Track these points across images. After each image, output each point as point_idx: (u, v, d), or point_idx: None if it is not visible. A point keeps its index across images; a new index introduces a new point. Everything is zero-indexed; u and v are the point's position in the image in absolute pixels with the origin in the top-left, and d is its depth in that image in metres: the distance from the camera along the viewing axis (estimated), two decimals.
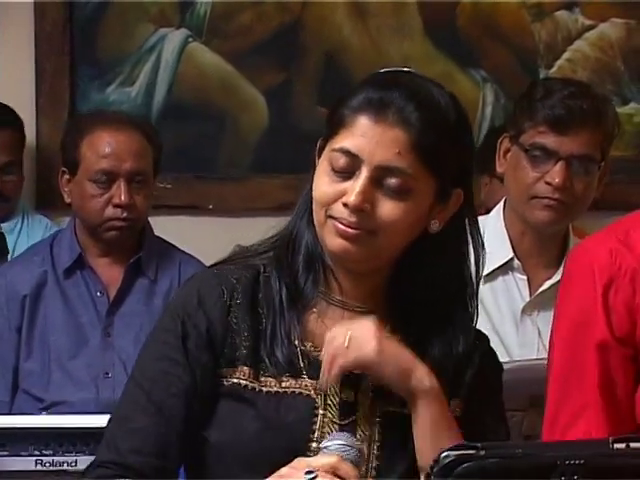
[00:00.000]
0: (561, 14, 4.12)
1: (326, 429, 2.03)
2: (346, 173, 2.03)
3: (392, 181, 2.03)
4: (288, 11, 4.11)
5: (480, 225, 3.24)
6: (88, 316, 3.39)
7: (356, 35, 4.12)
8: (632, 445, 1.63)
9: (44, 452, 2.62)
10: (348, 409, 2.05)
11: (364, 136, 2.02)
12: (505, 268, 3.22)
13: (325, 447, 1.92)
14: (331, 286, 2.10)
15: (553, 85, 3.23)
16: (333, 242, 2.05)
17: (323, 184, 2.05)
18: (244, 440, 2.02)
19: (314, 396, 2.05)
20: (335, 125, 2.06)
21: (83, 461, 2.52)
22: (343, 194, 2.03)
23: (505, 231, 3.24)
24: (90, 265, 3.41)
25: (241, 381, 2.05)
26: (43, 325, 3.38)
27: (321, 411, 2.04)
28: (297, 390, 2.05)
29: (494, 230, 3.25)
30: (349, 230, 2.03)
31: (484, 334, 2.20)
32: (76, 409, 3.22)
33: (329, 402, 2.05)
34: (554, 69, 4.10)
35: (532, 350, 3.11)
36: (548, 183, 3.12)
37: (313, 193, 2.06)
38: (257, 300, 2.08)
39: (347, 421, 2.04)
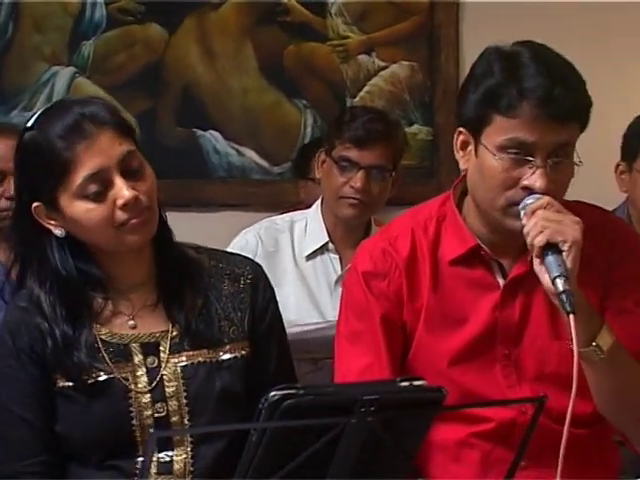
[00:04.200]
0: (362, 57, 4.14)
1: (141, 399, 1.92)
2: (101, 192, 1.88)
3: (133, 165, 1.91)
4: (153, 53, 4.06)
5: (304, 217, 3.30)
6: None
7: (206, 72, 4.09)
8: (414, 383, 1.65)
9: None
10: (153, 374, 1.94)
11: (94, 157, 1.87)
12: (322, 249, 3.26)
13: None
14: (114, 277, 1.97)
15: (357, 112, 3.28)
16: (132, 241, 1.91)
17: (90, 214, 1.88)
18: (78, 432, 1.92)
19: (123, 377, 1.93)
20: (60, 173, 1.87)
21: None
22: (112, 207, 1.88)
23: (322, 221, 3.27)
24: None
25: (64, 383, 1.92)
26: None
27: (132, 386, 1.93)
28: (108, 377, 1.92)
29: (314, 221, 3.28)
30: (140, 219, 1.90)
31: (255, 263, 2.09)
32: None
33: (137, 375, 1.93)
34: (357, 99, 4.12)
35: None
36: (352, 187, 3.16)
37: (88, 227, 1.89)
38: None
39: (154, 384, 1.93)
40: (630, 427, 2.08)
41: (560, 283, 1.89)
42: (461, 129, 2.07)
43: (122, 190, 1.88)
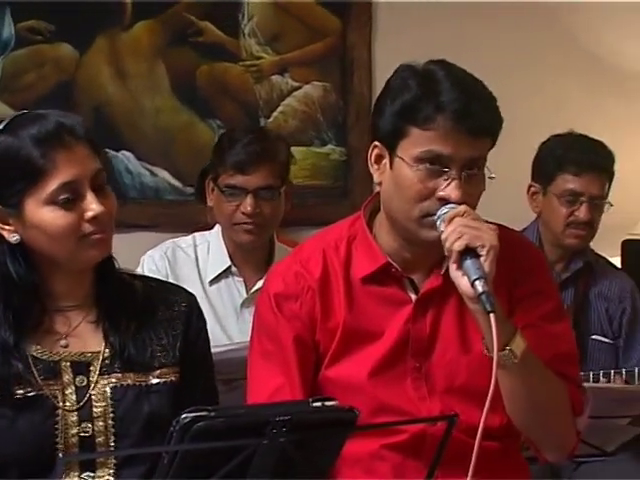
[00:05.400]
0: (275, 78, 4.15)
1: (68, 417, 1.93)
2: (71, 201, 1.91)
3: (101, 183, 1.97)
4: (64, 72, 4.02)
5: (205, 240, 3.27)
6: None
7: (118, 92, 4.06)
8: (326, 403, 1.65)
9: None
10: (82, 393, 1.95)
11: (72, 167, 1.91)
12: (226, 273, 3.24)
13: None
14: (54, 294, 1.97)
15: (235, 135, 3.23)
16: (91, 256, 1.94)
17: (57, 221, 1.90)
18: (4, 446, 1.90)
19: (52, 394, 1.93)
20: (34, 178, 1.90)
21: None
22: (80, 218, 1.91)
23: (224, 246, 3.25)
24: None
25: None
26: None
27: (60, 404, 1.93)
28: (37, 392, 1.92)
29: (216, 245, 3.26)
30: (103, 235, 1.94)
31: (188, 293, 2.11)
32: None
33: (66, 393, 1.94)
34: (271, 119, 4.12)
35: (248, 335, 3.12)
36: (243, 213, 3.15)
37: (51, 234, 1.90)
38: None
39: (82, 403, 1.94)
40: (541, 434, 2.12)
41: (480, 285, 1.94)
42: (376, 143, 2.10)
43: (92, 203, 1.93)
